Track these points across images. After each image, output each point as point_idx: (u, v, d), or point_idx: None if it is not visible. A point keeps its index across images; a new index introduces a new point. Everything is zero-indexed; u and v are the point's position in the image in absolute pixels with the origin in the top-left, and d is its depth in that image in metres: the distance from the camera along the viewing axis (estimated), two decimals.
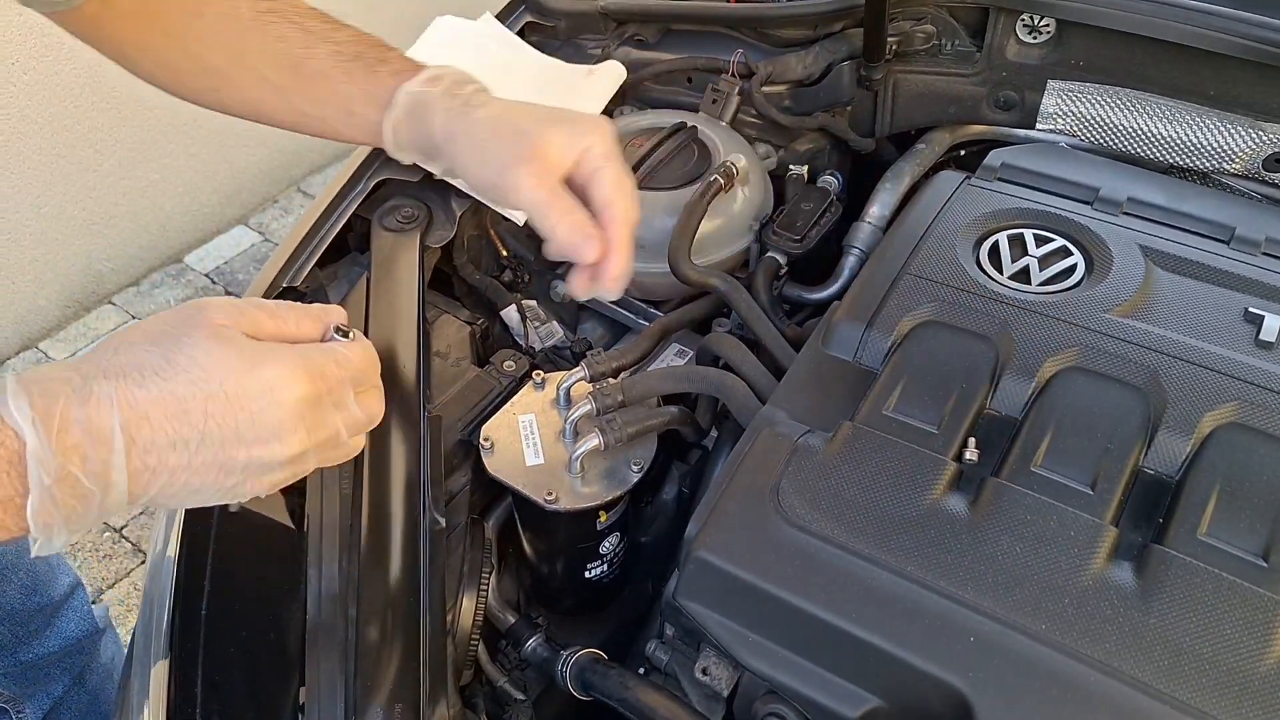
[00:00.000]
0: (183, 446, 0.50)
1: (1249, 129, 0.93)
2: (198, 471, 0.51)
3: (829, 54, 1.07)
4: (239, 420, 0.51)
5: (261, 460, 0.52)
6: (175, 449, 0.49)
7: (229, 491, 0.53)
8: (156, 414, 0.49)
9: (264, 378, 0.52)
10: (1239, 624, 0.56)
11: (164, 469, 0.49)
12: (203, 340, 0.51)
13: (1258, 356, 0.70)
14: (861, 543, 0.62)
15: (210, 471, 0.51)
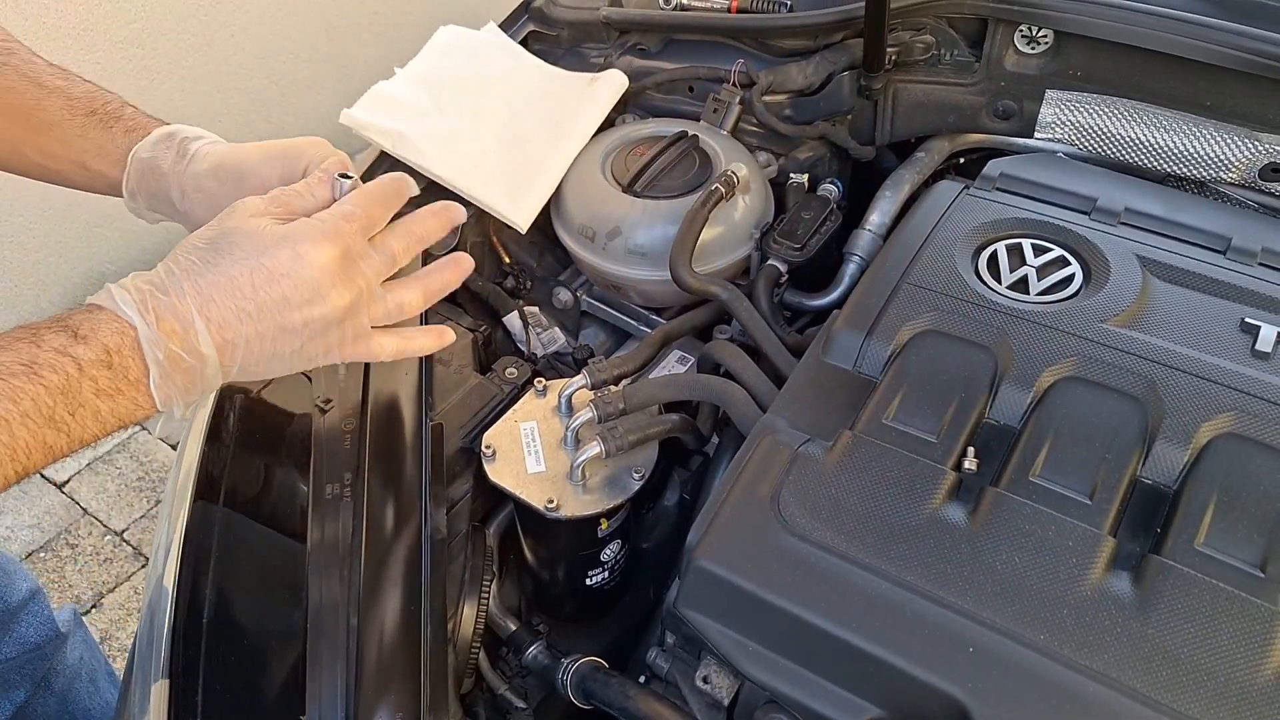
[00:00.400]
0: (247, 318, 0.59)
1: (1245, 139, 0.94)
2: (268, 338, 0.60)
3: (829, 64, 1.07)
4: (284, 288, 0.59)
5: (315, 319, 0.61)
6: (242, 320, 0.59)
7: (302, 354, 0.62)
8: (219, 295, 0.58)
9: (293, 249, 0.60)
10: (1236, 634, 0.56)
11: (240, 339, 0.59)
12: (240, 230, 0.60)
13: (1254, 367, 0.71)
14: (861, 552, 0.63)
15: (278, 336, 0.60)
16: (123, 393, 0.55)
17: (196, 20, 2.39)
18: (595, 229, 0.98)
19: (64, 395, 0.53)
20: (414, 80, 1.06)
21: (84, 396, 0.54)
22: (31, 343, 0.54)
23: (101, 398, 0.54)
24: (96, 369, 0.54)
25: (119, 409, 0.56)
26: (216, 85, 2.48)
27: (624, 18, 1.16)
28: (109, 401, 0.55)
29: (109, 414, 0.55)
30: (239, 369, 0.60)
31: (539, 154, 1.02)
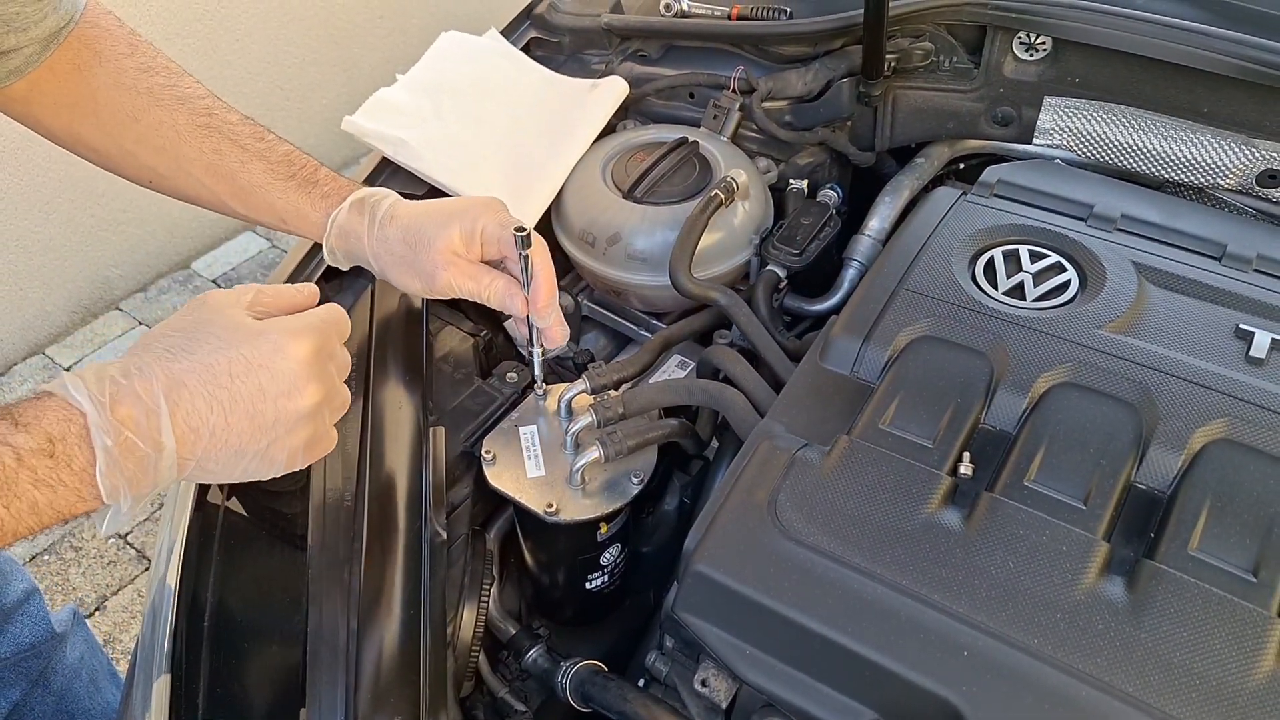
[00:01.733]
0: (218, 406, 0.57)
1: (1242, 145, 0.94)
2: (235, 431, 0.58)
3: (829, 71, 1.08)
4: (260, 378, 0.58)
5: (287, 413, 0.60)
6: (212, 409, 0.57)
7: (265, 455, 0.60)
8: (191, 380, 0.57)
9: (273, 340, 0.60)
10: (1228, 639, 0.57)
11: (205, 429, 0.57)
12: (218, 321, 0.60)
13: (1248, 373, 0.71)
14: (857, 556, 0.63)
15: (246, 429, 0.58)
16: (64, 484, 0.52)
17: (202, 25, 2.41)
18: (595, 234, 0.98)
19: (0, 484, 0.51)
20: (415, 86, 1.07)
21: (20, 488, 0.51)
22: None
23: (40, 489, 0.52)
24: (36, 458, 0.51)
25: (59, 501, 0.52)
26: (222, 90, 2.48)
27: (625, 24, 1.17)
28: (48, 493, 0.52)
29: (47, 506, 0.52)
30: (197, 464, 0.58)
31: (540, 160, 1.03)
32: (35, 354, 2.37)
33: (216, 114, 0.80)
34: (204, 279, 2.58)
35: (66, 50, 0.77)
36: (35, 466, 0.51)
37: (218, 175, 0.79)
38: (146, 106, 0.79)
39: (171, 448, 0.55)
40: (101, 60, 0.79)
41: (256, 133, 0.81)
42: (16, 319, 2.33)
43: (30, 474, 0.51)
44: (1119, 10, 0.96)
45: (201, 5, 2.38)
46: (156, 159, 0.80)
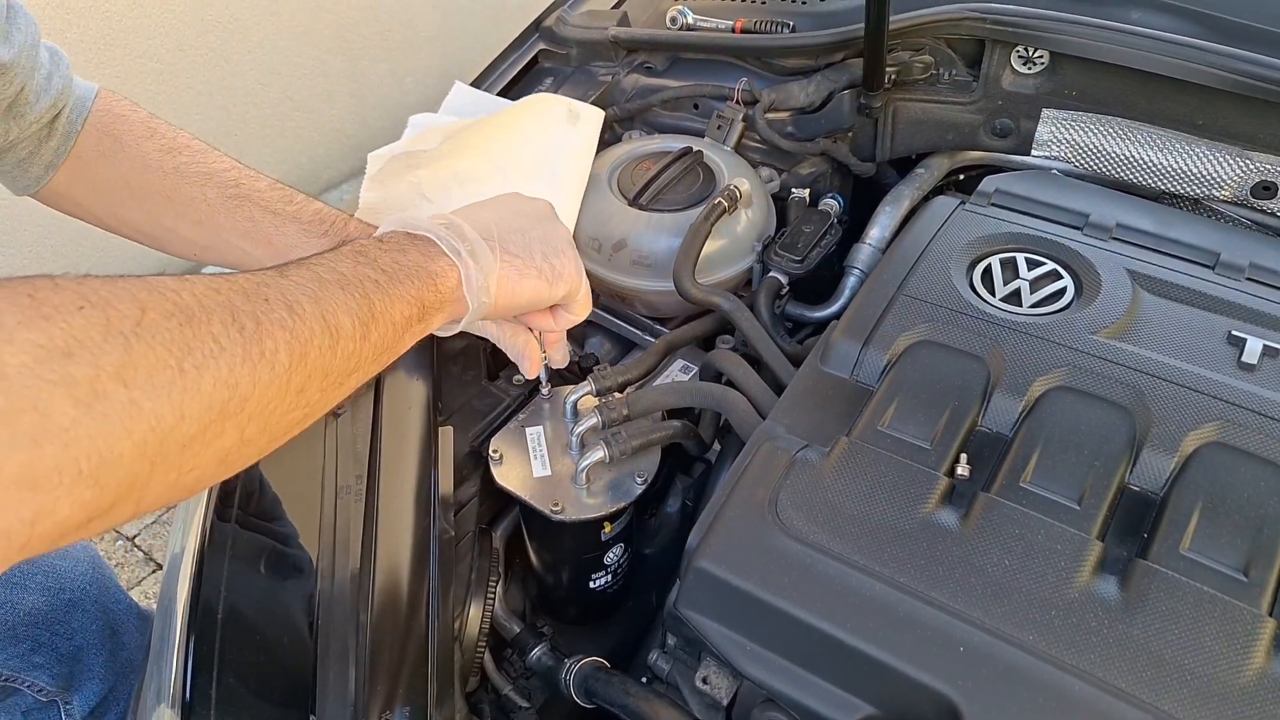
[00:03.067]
0: (483, 209, 0.71)
1: (1237, 157, 0.96)
2: (508, 214, 0.71)
3: (830, 83, 1.10)
4: (517, 205, 0.74)
5: (547, 216, 0.74)
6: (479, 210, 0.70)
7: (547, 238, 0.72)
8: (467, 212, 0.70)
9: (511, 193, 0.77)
10: (1219, 636, 0.58)
11: (484, 217, 0.68)
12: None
13: (1240, 378, 0.72)
14: (856, 554, 0.64)
15: (514, 216, 0.71)
16: (406, 249, 0.60)
17: (215, 36, 2.44)
18: (601, 241, 1.00)
19: (366, 252, 0.58)
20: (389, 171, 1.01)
21: (374, 253, 0.58)
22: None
23: (390, 252, 0.59)
24: (375, 242, 0.60)
25: (410, 259, 0.60)
26: (233, 99, 2.52)
27: (632, 37, 1.19)
28: (399, 254, 0.59)
29: (404, 260, 0.59)
30: (503, 247, 0.68)
31: None
32: None
33: (244, 183, 0.83)
34: None
35: (88, 139, 0.81)
36: (378, 245, 0.59)
37: (255, 241, 0.82)
38: (176, 185, 0.82)
39: (475, 234, 0.65)
40: (122, 146, 0.82)
41: (285, 196, 0.84)
42: None
43: (376, 245, 0.59)
44: (1115, 25, 0.98)
45: (214, 17, 2.41)
46: (195, 232, 0.83)
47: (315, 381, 0.51)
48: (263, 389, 0.47)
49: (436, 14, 2.98)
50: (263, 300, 0.49)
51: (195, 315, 0.45)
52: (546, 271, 0.70)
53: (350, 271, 0.55)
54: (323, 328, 0.51)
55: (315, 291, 0.52)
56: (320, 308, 0.51)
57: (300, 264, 0.54)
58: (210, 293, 0.47)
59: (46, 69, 0.77)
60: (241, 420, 0.46)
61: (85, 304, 0.41)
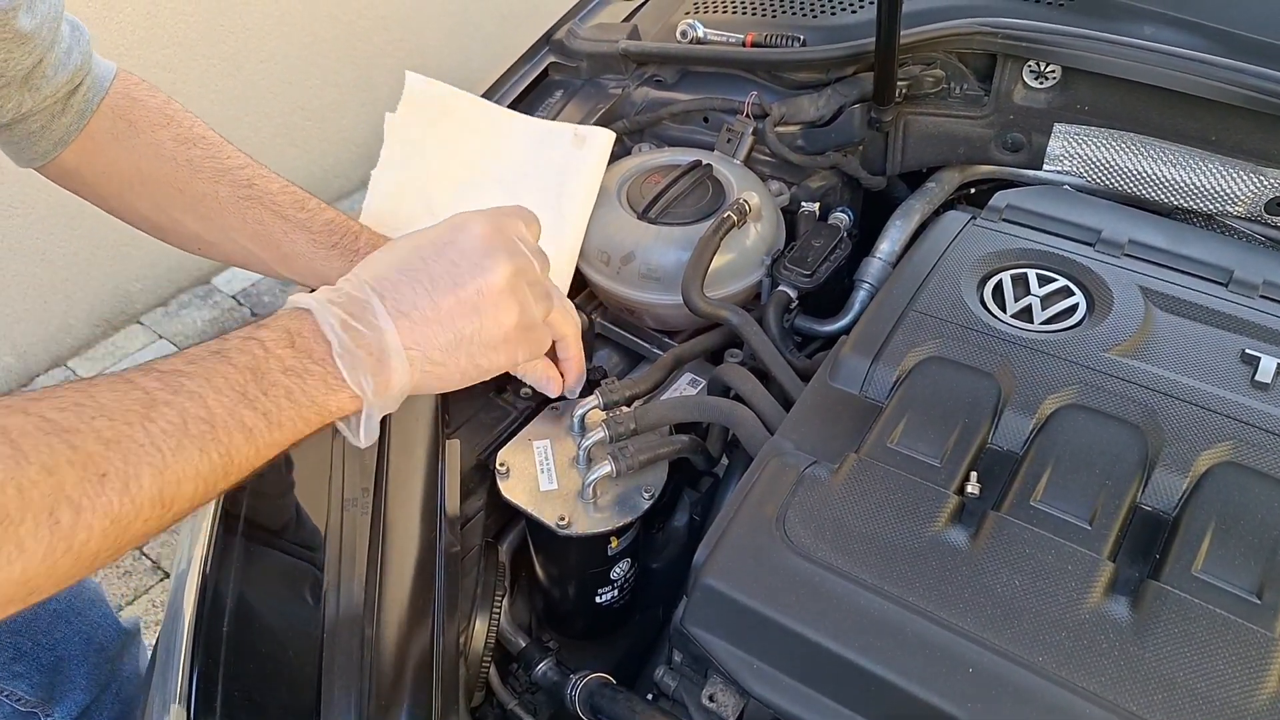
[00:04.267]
0: (421, 289, 0.61)
1: (1250, 174, 0.95)
2: (445, 310, 0.61)
3: (840, 97, 1.10)
4: (450, 254, 0.62)
5: (487, 286, 0.62)
6: (416, 291, 0.60)
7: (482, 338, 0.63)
8: (392, 272, 0.61)
9: (452, 221, 0.65)
10: (1232, 659, 0.57)
11: (416, 312, 0.60)
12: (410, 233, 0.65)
13: (1254, 397, 0.72)
14: (864, 572, 0.64)
15: (455, 308, 0.61)
16: (310, 371, 0.55)
17: (227, 46, 2.46)
18: (610, 253, 1.00)
19: (253, 373, 0.53)
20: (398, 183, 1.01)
21: (273, 376, 0.54)
22: (218, 339, 0.55)
23: (290, 376, 0.55)
24: (281, 347, 0.55)
25: (310, 388, 0.55)
26: (244, 110, 2.54)
27: (642, 50, 1.19)
28: (299, 381, 0.55)
29: (301, 394, 0.55)
30: (423, 355, 0.60)
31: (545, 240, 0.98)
32: (57, 366, 2.41)
33: (258, 184, 0.82)
34: (224, 294, 2.61)
35: (103, 120, 0.80)
36: (282, 355, 0.55)
37: (262, 244, 0.82)
38: (189, 178, 0.81)
39: (391, 332, 0.58)
40: (137, 132, 0.81)
41: (298, 201, 0.83)
42: (40, 331, 2.36)
43: (279, 361, 0.54)
44: (1127, 40, 0.97)
45: (227, 27, 2.43)
46: (202, 227, 0.82)
47: (129, 548, 0.48)
48: (60, 575, 0.45)
49: (447, 24, 3.00)
50: (98, 478, 0.46)
51: (8, 517, 0.43)
52: (470, 373, 0.65)
53: (224, 414, 0.51)
54: (156, 504, 0.48)
55: (165, 459, 0.48)
56: (162, 481, 0.48)
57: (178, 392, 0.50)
58: (41, 477, 0.44)
59: (66, 43, 0.76)
60: (27, 600, 0.45)
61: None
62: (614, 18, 1.30)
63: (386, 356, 0.58)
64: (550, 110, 1.19)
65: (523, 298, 0.65)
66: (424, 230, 0.65)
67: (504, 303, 0.63)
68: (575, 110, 1.19)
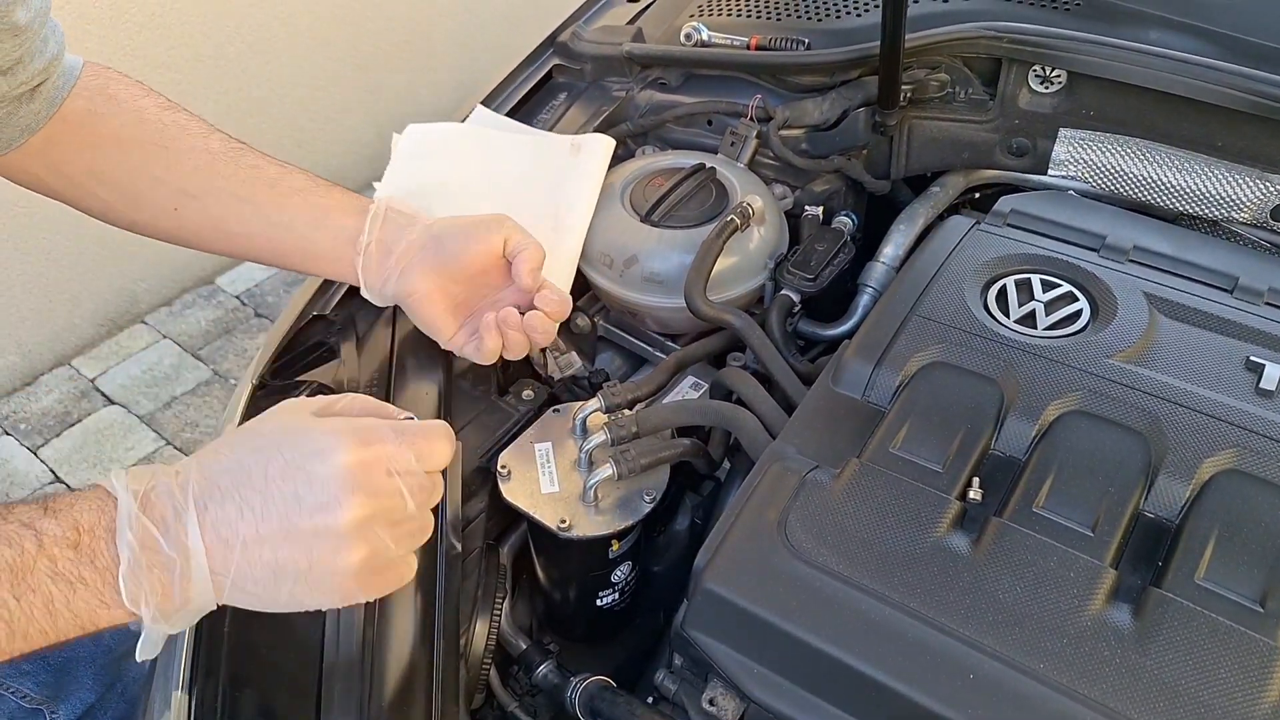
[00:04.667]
0: (249, 513, 0.51)
1: (1256, 180, 0.95)
2: (269, 544, 0.52)
3: (845, 100, 1.10)
4: (297, 483, 0.52)
5: (327, 528, 0.52)
6: (243, 516, 0.51)
7: (309, 578, 0.53)
8: (225, 481, 0.52)
9: (316, 441, 0.54)
10: (1234, 668, 0.57)
11: (236, 540, 0.51)
12: (271, 421, 0.56)
13: (1258, 404, 0.71)
14: (866, 578, 0.64)
15: (281, 544, 0.52)
16: (85, 582, 0.48)
17: (233, 47, 2.46)
18: (613, 256, 1.00)
19: (11, 573, 0.46)
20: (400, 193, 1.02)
21: (36, 579, 0.46)
22: (3, 506, 0.48)
23: (58, 583, 0.47)
24: (59, 546, 0.47)
25: (76, 602, 0.48)
26: (250, 110, 2.55)
27: (646, 53, 1.19)
28: (65, 590, 0.47)
29: (64, 607, 0.47)
30: (233, 583, 0.52)
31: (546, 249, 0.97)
32: (62, 365, 2.42)
33: (249, 146, 0.84)
34: (228, 294, 2.62)
35: (77, 100, 0.80)
36: (56, 556, 0.47)
37: (254, 188, 0.81)
38: (177, 135, 0.81)
39: (201, 558, 0.50)
40: (118, 104, 0.81)
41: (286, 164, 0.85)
42: (44, 330, 2.37)
43: (49, 564, 0.47)
44: (1133, 45, 0.97)
45: (232, 29, 2.43)
46: (189, 179, 0.82)
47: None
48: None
49: (452, 26, 3.00)
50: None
51: None
52: (291, 606, 0.55)
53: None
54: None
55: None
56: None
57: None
58: None
59: (44, 34, 0.77)
60: None
61: None
62: (618, 20, 1.30)
63: (187, 579, 0.50)
64: (554, 113, 1.19)
65: (375, 541, 0.55)
66: (283, 434, 0.55)
67: (345, 546, 0.53)
68: (579, 113, 1.19)
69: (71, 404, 2.33)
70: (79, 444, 2.24)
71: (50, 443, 2.24)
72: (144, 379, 2.39)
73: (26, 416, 2.30)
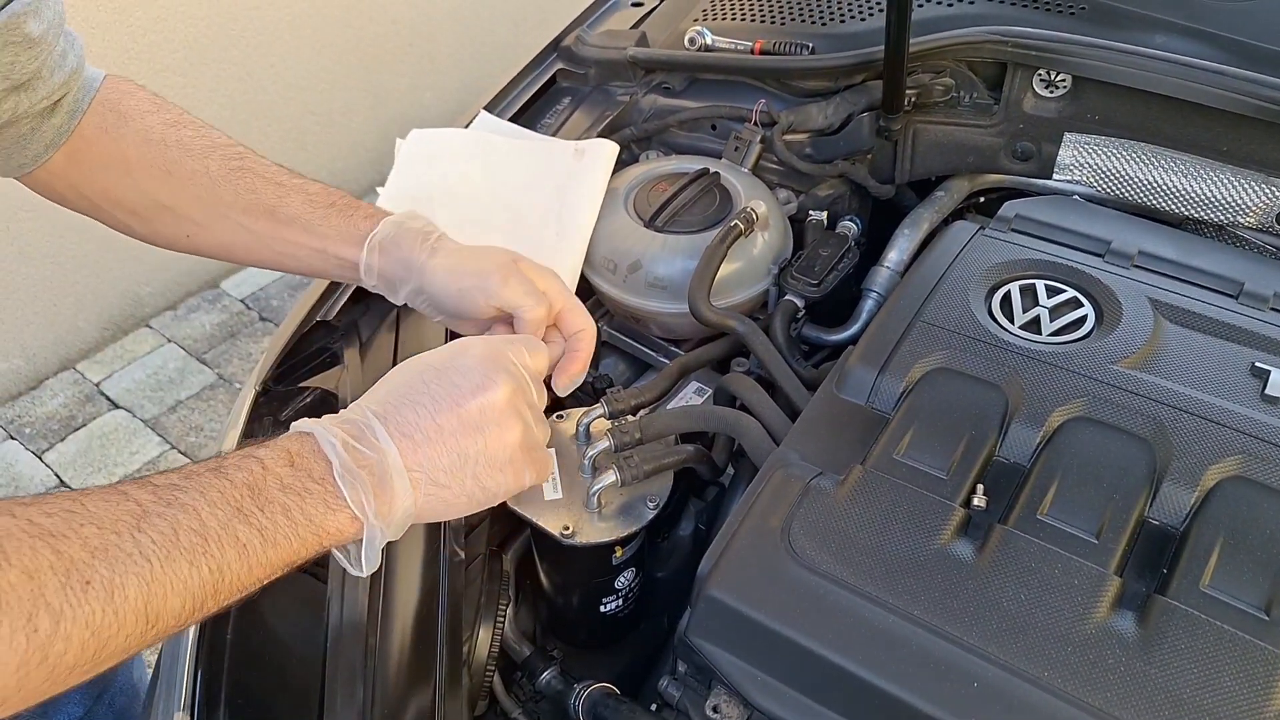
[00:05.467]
0: (424, 411, 0.60)
1: (1261, 184, 0.95)
2: (448, 431, 0.60)
3: (849, 105, 1.10)
4: (452, 377, 0.62)
5: (490, 406, 0.62)
6: (419, 414, 0.60)
7: (488, 457, 0.61)
8: (394, 398, 0.61)
9: (449, 350, 0.65)
10: (1239, 676, 0.57)
11: (419, 434, 0.59)
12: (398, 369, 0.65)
13: (1263, 411, 0.71)
14: (869, 585, 0.64)
15: (458, 428, 0.60)
16: (310, 491, 0.54)
17: (238, 51, 2.47)
18: (617, 262, 1.00)
19: (250, 490, 0.52)
20: (402, 197, 1.03)
21: (271, 493, 0.53)
22: (216, 458, 0.54)
23: (289, 494, 0.53)
24: (280, 466, 0.54)
25: (309, 507, 0.54)
26: (254, 113, 2.56)
27: (650, 57, 1.19)
28: (297, 499, 0.53)
29: (299, 513, 0.53)
30: (428, 478, 0.59)
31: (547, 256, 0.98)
32: (66, 369, 2.42)
33: (248, 158, 0.83)
34: (232, 298, 2.63)
35: (93, 115, 0.80)
36: (281, 474, 0.54)
37: (256, 213, 0.81)
38: (178, 159, 0.81)
39: (394, 455, 0.57)
40: (126, 119, 0.81)
41: (290, 173, 0.83)
42: (49, 334, 2.38)
43: (277, 480, 0.53)
44: (1138, 49, 0.97)
45: (237, 32, 2.44)
46: (193, 208, 0.82)
47: (106, 664, 0.46)
48: (31, 688, 0.43)
49: (456, 29, 3.01)
50: (81, 585, 0.44)
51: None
52: (477, 496, 0.62)
53: (218, 529, 0.50)
54: (140, 618, 0.46)
55: (154, 570, 0.47)
56: (148, 594, 0.46)
57: (171, 505, 0.49)
58: (21, 581, 0.42)
59: (62, 46, 0.76)
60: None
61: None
62: (622, 24, 1.30)
63: (388, 478, 0.57)
64: (558, 117, 1.19)
65: (524, 417, 0.64)
66: (423, 355, 0.65)
67: (506, 421, 0.62)
68: (583, 118, 1.19)
69: (76, 408, 2.33)
70: (84, 448, 2.24)
71: (55, 447, 2.25)
72: (149, 383, 2.40)
73: (31, 420, 2.31)
